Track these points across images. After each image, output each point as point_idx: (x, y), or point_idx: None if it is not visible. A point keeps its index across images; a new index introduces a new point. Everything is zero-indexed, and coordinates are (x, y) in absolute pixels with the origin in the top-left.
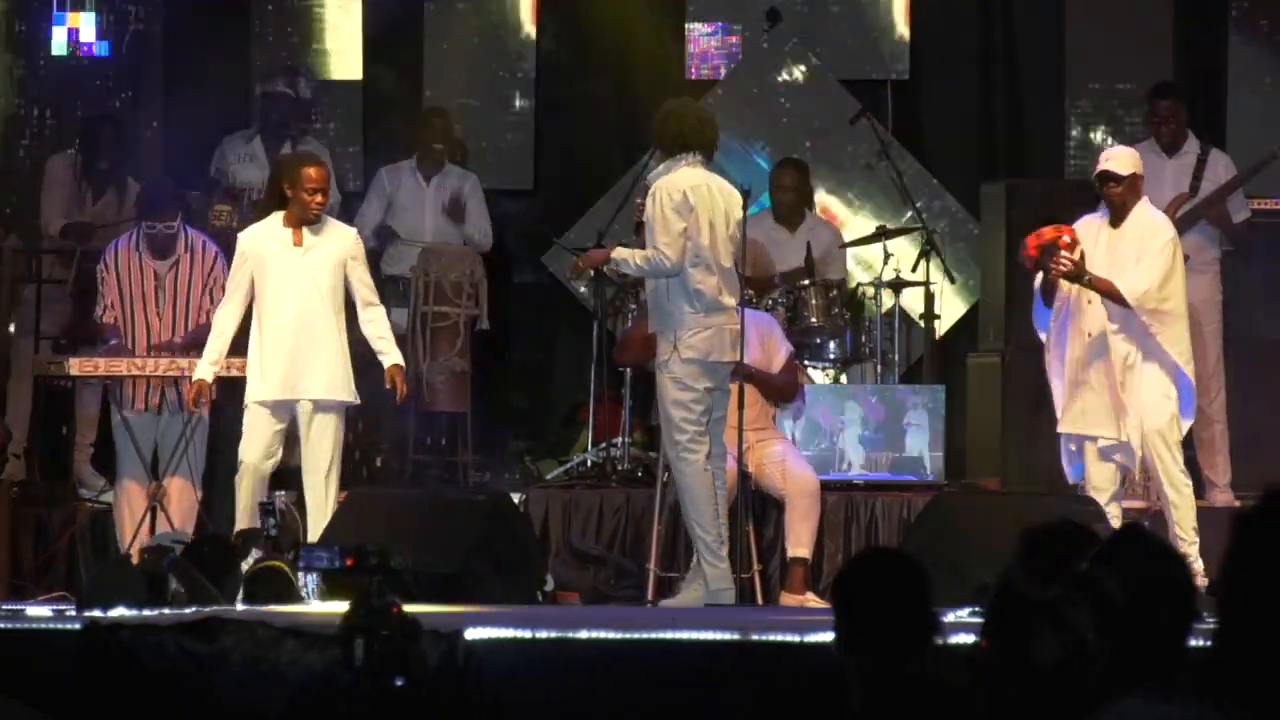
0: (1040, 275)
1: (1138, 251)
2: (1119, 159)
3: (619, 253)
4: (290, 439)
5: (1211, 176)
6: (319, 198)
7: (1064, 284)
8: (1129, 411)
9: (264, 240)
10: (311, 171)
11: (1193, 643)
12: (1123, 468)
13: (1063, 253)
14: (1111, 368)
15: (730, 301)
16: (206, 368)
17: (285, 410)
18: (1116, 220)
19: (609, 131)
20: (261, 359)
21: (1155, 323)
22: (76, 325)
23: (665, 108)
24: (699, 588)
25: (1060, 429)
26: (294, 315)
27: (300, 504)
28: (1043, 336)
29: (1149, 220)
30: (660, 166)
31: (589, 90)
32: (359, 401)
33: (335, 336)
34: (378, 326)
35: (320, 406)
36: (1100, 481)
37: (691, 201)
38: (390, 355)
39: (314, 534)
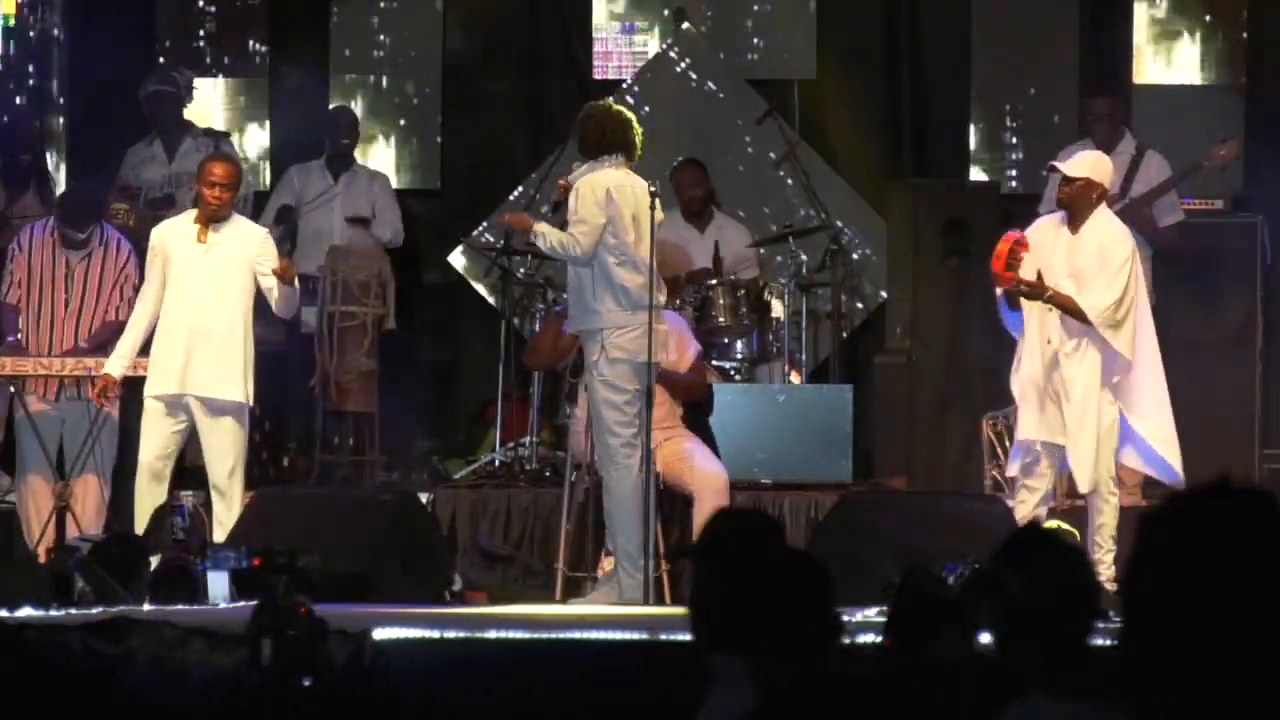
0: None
1: (1099, 263)
2: (1074, 162)
3: (540, 226)
4: (195, 437)
5: (1144, 178)
6: (216, 191)
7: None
8: (1081, 440)
9: (172, 236)
10: (215, 167)
11: (1099, 642)
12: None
13: (1021, 266)
14: (1066, 376)
15: (658, 300)
16: (115, 363)
17: (179, 407)
18: (1074, 225)
19: (516, 131)
20: (157, 353)
21: (1111, 334)
22: None
23: (586, 110)
24: (612, 592)
25: (1022, 435)
26: (190, 311)
27: (208, 504)
28: (1017, 337)
29: (1109, 230)
30: (584, 167)
31: (495, 89)
32: (252, 404)
33: (232, 335)
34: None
35: (212, 406)
36: (1038, 482)
37: (615, 198)
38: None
39: (221, 534)
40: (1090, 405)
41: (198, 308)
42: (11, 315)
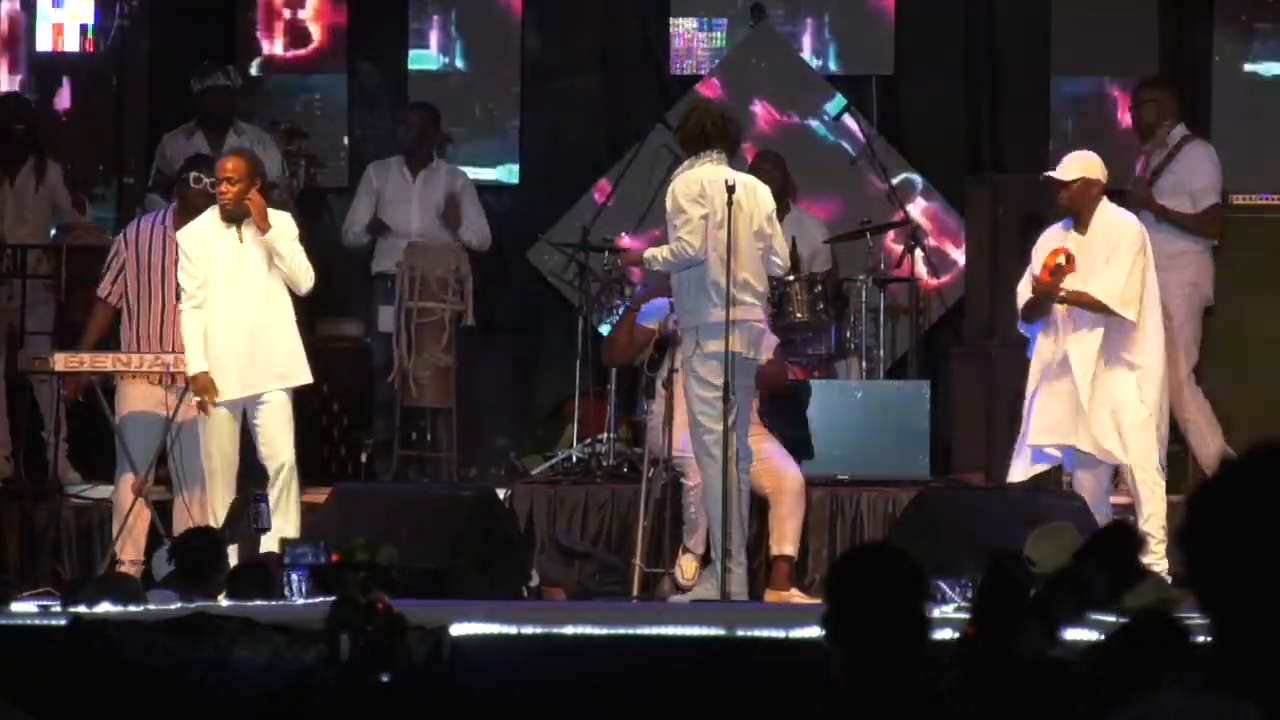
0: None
1: (1106, 253)
2: (1065, 164)
3: (650, 251)
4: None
5: (1178, 168)
6: (224, 186)
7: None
8: (1097, 417)
9: (210, 237)
10: (224, 162)
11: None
12: (1109, 468)
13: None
14: (1075, 377)
15: (751, 299)
16: (201, 364)
17: (238, 409)
18: (1081, 226)
19: (594, 127)
20: (216, 359)
21: (1127, 312)
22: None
23: (691, 103)
24: (715, 588)
25: (1033, 440)
26: (248, 309)
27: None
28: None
29: (1114, 221)
30: (684, 164)
31: (574, 86)
32: (312, 380)
33: (287, 322)
34: None
35: (275, 399)
36: (1086, 483)
37: (709, 193)
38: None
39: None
40: (1102, 380)
41: (254, 305)
42: (107, 313)
